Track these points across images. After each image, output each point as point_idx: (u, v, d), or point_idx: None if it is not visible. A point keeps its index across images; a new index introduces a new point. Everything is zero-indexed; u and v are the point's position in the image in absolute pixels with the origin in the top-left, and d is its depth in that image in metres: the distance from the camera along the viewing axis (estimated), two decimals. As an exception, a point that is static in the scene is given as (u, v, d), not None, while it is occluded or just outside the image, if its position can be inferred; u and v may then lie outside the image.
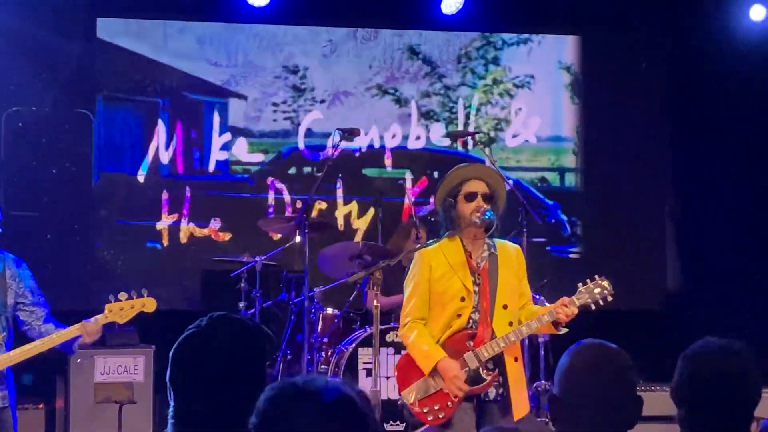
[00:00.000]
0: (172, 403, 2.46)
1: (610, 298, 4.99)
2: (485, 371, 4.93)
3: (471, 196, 5.00)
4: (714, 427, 2.80)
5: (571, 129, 9.20)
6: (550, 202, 9.11)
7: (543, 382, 7.40)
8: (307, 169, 8.83)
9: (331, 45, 8.89)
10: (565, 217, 9.12)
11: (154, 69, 8.59)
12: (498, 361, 4.94)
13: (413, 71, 9.00)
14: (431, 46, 9.04)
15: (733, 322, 8.30)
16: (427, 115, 8.95)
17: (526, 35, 9.17)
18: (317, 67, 8.86)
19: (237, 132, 8.75)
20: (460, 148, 9.02)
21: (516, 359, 4.98)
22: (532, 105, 9.16)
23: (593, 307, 5.00)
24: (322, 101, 8.82)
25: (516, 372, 4.96)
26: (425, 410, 4.93)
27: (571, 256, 9.11)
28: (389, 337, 6.72)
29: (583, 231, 9.15)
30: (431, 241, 5.12)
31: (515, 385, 4.94)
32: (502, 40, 9.14)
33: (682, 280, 9.23)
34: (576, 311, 4.92)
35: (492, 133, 8.99)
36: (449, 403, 4.91)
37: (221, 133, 8.72)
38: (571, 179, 9.21)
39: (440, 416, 4.92)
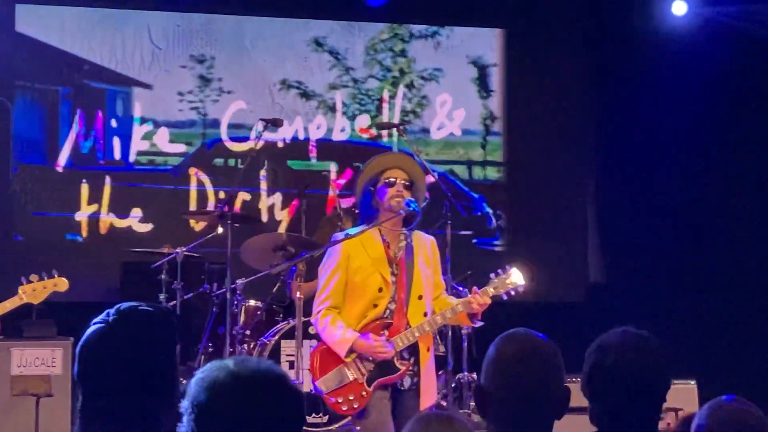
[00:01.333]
0: (80, 398, 2.41)
1: (521, 289, 5.14)
2: (399, 361, 5.03)
3: (391, 184, 5.09)
4: (622, 419, 2.78)
5: (481, 122, 9.32)
6: (476, 195, 9.25)
7: (466, 373, 7.49)
8: (230, 161, 8.88)
9: (238, 35, 8.93)
10: (490, 210, 9.26)
11: (68, 58, 8.59)
12: (412, 351, 5.05)
13: (319, 63, 9.05)
14: (337, 37, 9.11)
15: (656, 315, 8.59)
16: (334, 108, 9.03)
17: (434, 27, 9.30)
18: (225, 57, 8.88)
19: (152, 122, 8.77)
20: (385, 140, 9.15)
21: (428, 349, 5.09)
22: (457, 97, 9.30)
23: (505, 297, 5.14)
24: (230, 92, 8.86)
25: (428, 361, 5.09)
26: (339, 400, 5.00)
27: (496, 248, 9.26)
28: (313, 330, 6.79)
29: (507, 223, 9.33)
30: (353, 230, 5.21)
31: (427, 374, 5.07)
32: (410, 32, 9.26)
33: (604, 272, 9.44)
34: (488, 301, 5.05)
35: (402, 126, 9.06)
36: (363, 393, 4.99)
37: (141, 123, 8.74)
38: (493, 172, 9.38)
39: (355, 406, 5.00)
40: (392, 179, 5.09)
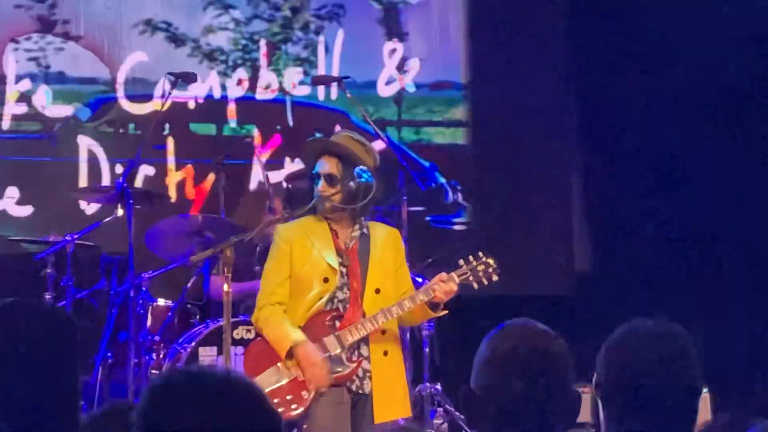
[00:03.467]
0: None
1: (495, 278, 5.34)
2: (351, 358, 5.20)
3: (317, 177, 5.28)
4: (654, 423, 2.78)
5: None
6: (427, 164, 9.22)
7: (428, 384, 7.51)
8: (129, 127, 8.79)
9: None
10: (443, 180, 9.23)
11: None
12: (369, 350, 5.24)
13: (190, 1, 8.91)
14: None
15: (650, 307, 8.52)
16: (211, 56, 8.90)
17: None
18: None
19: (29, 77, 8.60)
20: (321, 99, 9.08)
21: (386, 353, 5.26)
22: (412, 46, 9.20)
23: (476, 285, 5.34)
24: (78, 38, 8.67)
25: (385, 366, 5.25)
26: (275, 401, 5.08)
27: (455, 228, 9.23)
28: (238, 333, 6.68)
29: (468, 198, 9.27)
30: (299, 211, 5.36)
31: (384, 381, 5.22)
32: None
33: (592, 259, 9.48)
34: (455, 288, 5.24)
35: (296, 77, 8.94)
36: (304, 394, 5.15)
37: (17, 81, 8.59)
38: (450, 135, 9.35)
39: (293, 408, 5.13)
40: (319, 171, 5.28)
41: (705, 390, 6.91)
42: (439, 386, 7.49)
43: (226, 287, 5.15)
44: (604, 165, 9.35)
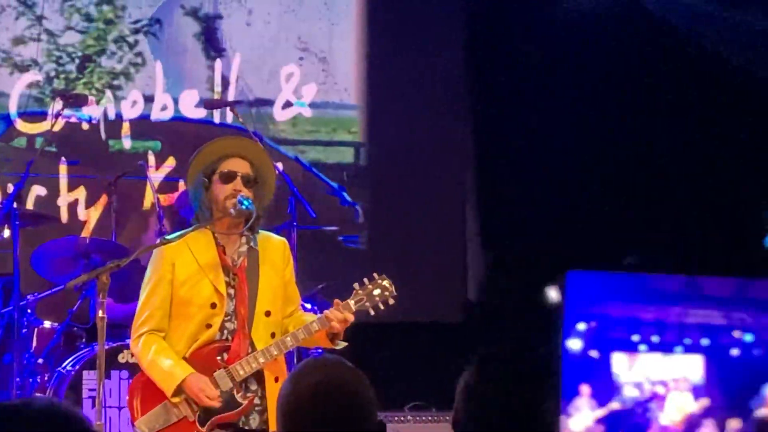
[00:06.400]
0: None
1: (391, 301, 5.14)
2: (241, 393, 4.98)
3: (228, 177, 5.05)
4: None
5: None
6: (335, 185, 9.23)
7: None
8: (19, 141, 8.68)
9: None
10: (350, 200, 9.26)
11: None
12: (259, 381, 5.01)
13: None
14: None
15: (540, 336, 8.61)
16: (22, 67, 8.71)
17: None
18: None
19: None
20: (217, 119, 9.04)
21: (277, 379, 5.03)
22: (308, 70, 9.22)
23: (372, 311, 5.12)
24: None
25: (275, 394, 4.96)
26: None
27: (361, 247, 9.26)
28: (123, 357, 6.63)
29: (367, 218, 9.29)
30: (175, 234, 5.12)
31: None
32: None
33: (485, 287, 9.50)
34: (351, 317, 5.04)
35: (108, 92, 8.85)
36: None
37: None
38: (349, 155, 9.39)
39: None
40: (231, 172, 5.05)
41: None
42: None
43: (100, 313, 4.89)
44: (499, 190, 9.39)
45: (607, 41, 9.19)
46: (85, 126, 8.77)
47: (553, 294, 2.61)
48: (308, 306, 6.87)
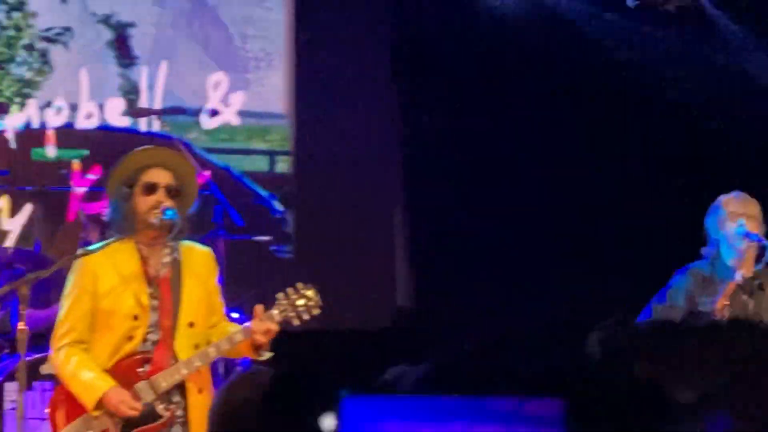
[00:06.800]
0: None
1: (316, 311, 5.13)
2: (163, 405, 4.95)
3: (151, 188, 5.03)
4: None
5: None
6: (265, 193, 9.21)
7: None
8: None
9: None
10: (281, 209, 9.24)
11: None
12: (181, 393, 4.99)
13: None
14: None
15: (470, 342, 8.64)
16: None
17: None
18: None
19: None
20: (143, 128, 8.96)
21: (201, 391, 5.02)
22: (236, 78, 9.19)
23: (297, 321, 5.11)
24: None
25: (201, 406, 4.99)
26: None
27: (289, 256, 9.25)
28: (45, 369, 6.55)
29: (296, 227, 9.28)
30: (97, 245, 5.13)
31: (199, 423, 4.98)
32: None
33: (413, 294, 9.52)
34: (275, 328, 5.02)
35: (18, 99, 8.76)
36: None
37: None
38: (280, 164, 9.37)
39: None
40: (152, 183, 5.03)
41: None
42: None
43: (21, 325, 4.87)
44: (427, 196, 9.39)
45: (531, 49, 9.27)
46: (8, 135, 8.68)
47: (328, 423, 2.63)
48: (236, 316, 6.85)
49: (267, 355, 5.07)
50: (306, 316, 5.12)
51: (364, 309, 9.20)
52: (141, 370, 4.96)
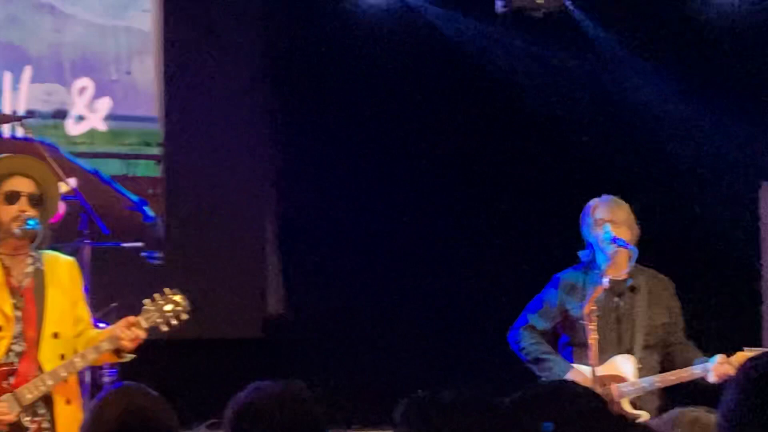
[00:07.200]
0: None
1: (184, 316, 5.12)
2: (29, 417, 4.90)
3: (12, 198, 5.01)
4: None
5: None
6: (136, 198, 9.09)
7: None
8: None
9: None
10: (153, 215, 9.12)
11: None
12: (47, 405, 4.94)
13: None
14: None
15: (346, 354, 8.68)
16: None
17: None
18: None
19: None
20: (6, 133, 8.78)
21: (69, 401, 5.00)
22: (102, 83, 9.06)
23: (165, 327, 5.10)
24: None
25: (69, 418, 4.97)
26: None
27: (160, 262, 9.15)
28: None
29: (166, 232, 9.17)
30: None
31: None
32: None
33: (285, 302, 9.50)
34: (143, 334, 5.02)
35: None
36: None
37: None
38: (149, 169, 9.29)
39: None
40: (15, 192, 5.02)
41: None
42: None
43: None
44: (299, 202, 9.40)
45: (402, 55, 9.36)
46: None
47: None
48: (102, 326, 6.74)
49: (128, 357, 5.10)
50: (174, 322, 5.11)
51: (234, 316, 9.16)
52: (5, 383, 4.89)
